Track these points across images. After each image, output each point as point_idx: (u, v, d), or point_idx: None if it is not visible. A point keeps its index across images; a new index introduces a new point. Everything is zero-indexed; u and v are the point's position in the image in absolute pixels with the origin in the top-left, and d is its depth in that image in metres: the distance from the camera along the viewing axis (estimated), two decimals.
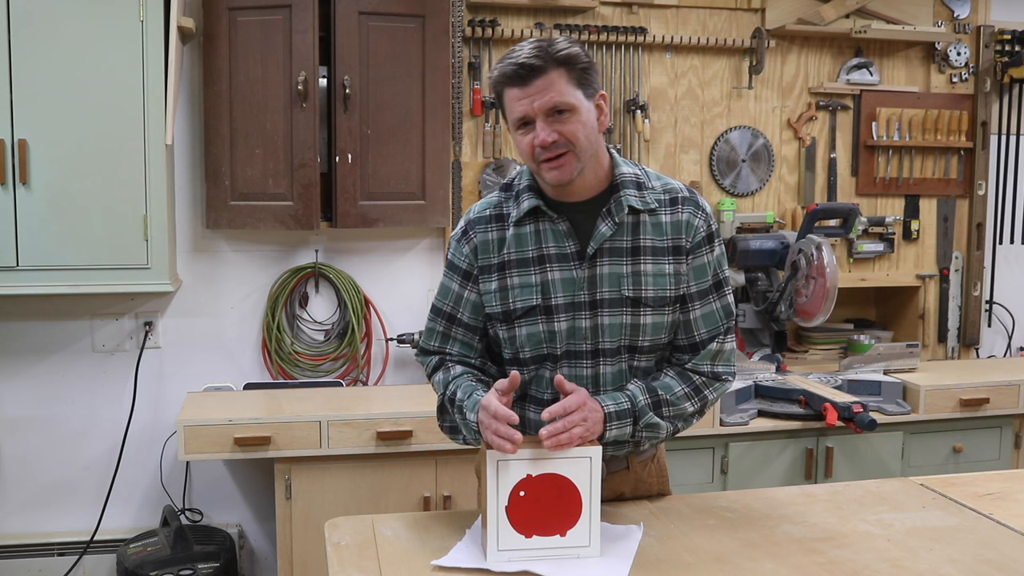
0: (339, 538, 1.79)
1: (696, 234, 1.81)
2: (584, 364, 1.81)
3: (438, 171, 3.37)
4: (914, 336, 3.98)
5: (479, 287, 1.84)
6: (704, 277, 1.82)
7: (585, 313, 1.79)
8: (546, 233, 1.80)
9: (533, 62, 1.68)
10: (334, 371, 3.51)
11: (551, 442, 1.61)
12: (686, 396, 1.82)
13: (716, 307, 1.84)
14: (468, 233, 1.85)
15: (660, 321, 1.80)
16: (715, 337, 1.84)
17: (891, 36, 3.80)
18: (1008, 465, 3.47)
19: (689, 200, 1.83)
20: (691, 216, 1.81)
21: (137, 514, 3.42)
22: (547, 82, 1.68)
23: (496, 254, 1.82)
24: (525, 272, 1.80)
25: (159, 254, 3.05)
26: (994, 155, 4.06)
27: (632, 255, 1.79)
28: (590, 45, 3.59)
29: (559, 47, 1.70)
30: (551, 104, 1.69)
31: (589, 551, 1.66)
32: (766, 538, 1.78)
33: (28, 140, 2.94)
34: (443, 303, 1.88)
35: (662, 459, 2.03)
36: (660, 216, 1.80)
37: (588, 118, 1.74)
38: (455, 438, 1.89)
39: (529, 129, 1.72)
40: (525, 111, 1.70)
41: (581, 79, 1.72)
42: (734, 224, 3.73)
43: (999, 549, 1.74)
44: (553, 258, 1.79)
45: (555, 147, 1.70)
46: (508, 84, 1.71)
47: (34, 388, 3.32)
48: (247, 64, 3.19)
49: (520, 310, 1.80)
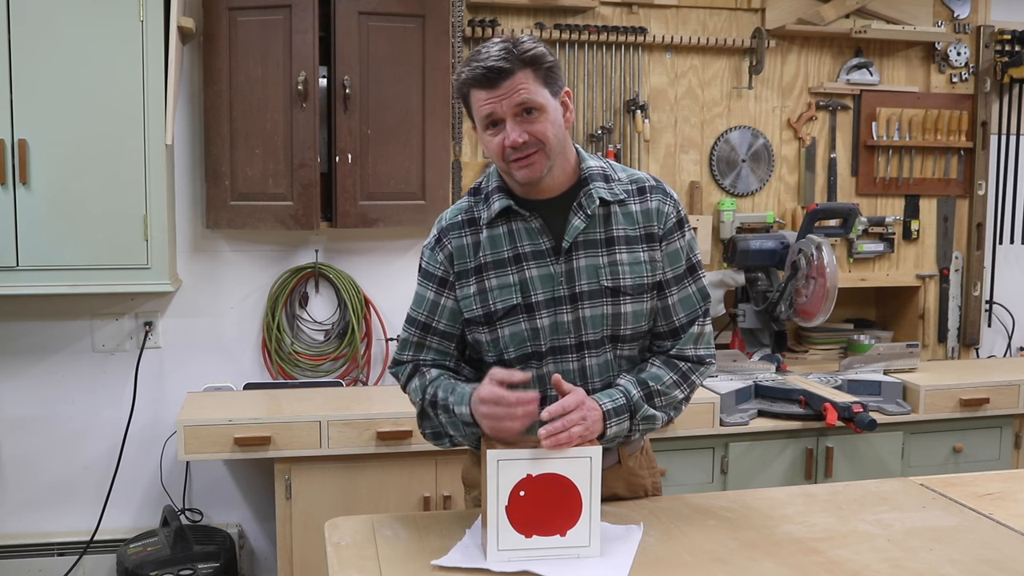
0: (339, 538, 1.79)
1: (667, 221, 1.84)
2: (570, 358, 1.82)
3: (438, 171, 3.37)
4: (914, 336, 3.98)
5: (456, 293, 1.84)
6: (678, 262, 1.85)
7: (566, 307, 1.80)
8: (520, 232, 1.81)
9: (501, 64, 1.69)
10: (334, 371, 3.51)
11: (550, 442, 1.61)
12: (675, 384, 1.84)
13: (692, 290, 1.87)
14: (442, 240, 1.86)
15: (640, 309, 1.82)
16: (694, 320, 1.87)
17: (891, 36, 3.80)
18: (1008, 465, 3.47)
19: (657, 188, 1.86)
20: (660, 203, 1.84)
21: (137, 514, 3.42)
22: (515, 83, 1.70)
23: (472, 258, 1.83)
24: (503, 273, 1.81)
25: (159, 254, 3.05)
26: (994, 155, 4.06)
27: (607, 246, 1.81)
28: (590, 45, 3.60)
29: (525, 47, 1.72)
30: (520, 105, 1.70)
31: (589, 551, 1.66)
32: (766, 538, 1.78)
33: (28, 140, 2.94)
34: (418, 312, 1.88)
35: (650, 450, 2.05)
36: (630, 206, 1.83)
37: (555, 116, 1.75)
38: (439, 443, 1.87)
39: (498, 130, 1.73)
40: (493, 111, 1.71)
41: (547, 78, 1.74)
42: (734, 224, 3.73)
43: (999, 549, 1.74)
44: (529, 256, 1.80)
45: (525, 147, 1.71)
46: (475, 86, 1.72)
47: (34, 388, 3.32)
48: (247, 64, 3.19)
49: (501, 310, 1.80)
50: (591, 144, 3.63)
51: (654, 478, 2.03)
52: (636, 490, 1.99)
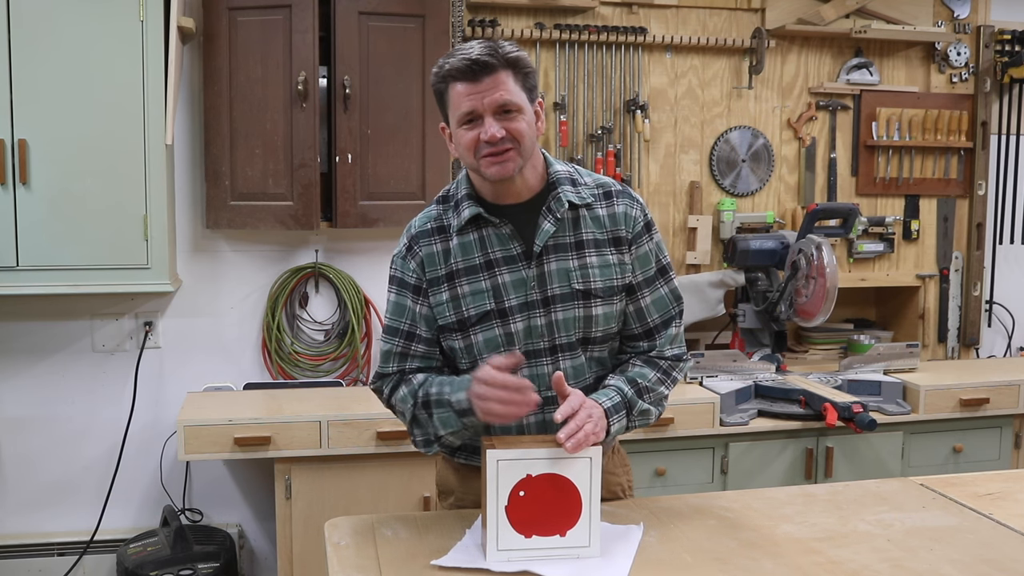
0: (339, 538, 1.79)
1: (635, 225, 1.86)
2: (544, 362, 1.83)
3: (438, 171, 3.37)
4: (914, 336, 3.98)
5: (430, 300, 1.84)
6: (648, 265, 1.87)
7: (539, 311, 1.81)
8: (490, 238, 1.82)
9: (485, 59, 1.71)
10: (334, 371, 3.51)
11: (572, 443, 1.62)
12: (660, 380, 1.87)
13: (664, 292, 1.89)
14: (413, 248, 1.86)
15: (610, 311, 1.84)
16: (670, 321, 1.89)
17: (891, 36, 3.80)
18: (1008, 465, 3.47)
19: (623, 193, 1.88)
20: (627, 208, 1.86)
21: (137, 514, 3.42)
22: (496, 80, 1.72)
23: (443, 265, 1.83)
24: (475, 279, 1.81)
25: (159, 254, 3.05)
26: (994, 155, 4.06)
27: (576, 249, 1.82)
28: (590, 45, 3.60)
29: (508, 49, 1.74)
30: (501, 101, 1.72)
31: (589, 551, 1.66)
32: (766, 538, 1.78)
33: (28, 140, 2.94)
34: (399, 322, 1.87)
35: (621, 449, 2.07)
36: (597, 210, 1.85)
37: (531, 119, 1.77)
38: (429, 449, 1.86)
39: (475, 125, 1.74)
40: (474, 106, 1.72)
41: (525, 83, 1.77)
42: (734, 224, 3.73)
43: (999, 549, 1.74)
44: (501, 261, 1.81)
45: (502, 143, 1.72)
46: (457, 79, 1.73)
47: (34, 388, 3.32)
48: (247, 64, 3.19)
49: (475, 316, 1.81)
50: (591, 144, 3.63)
51: (628, 476, 2.06)
52: (613, 489, 2.00)
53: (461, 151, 1.77)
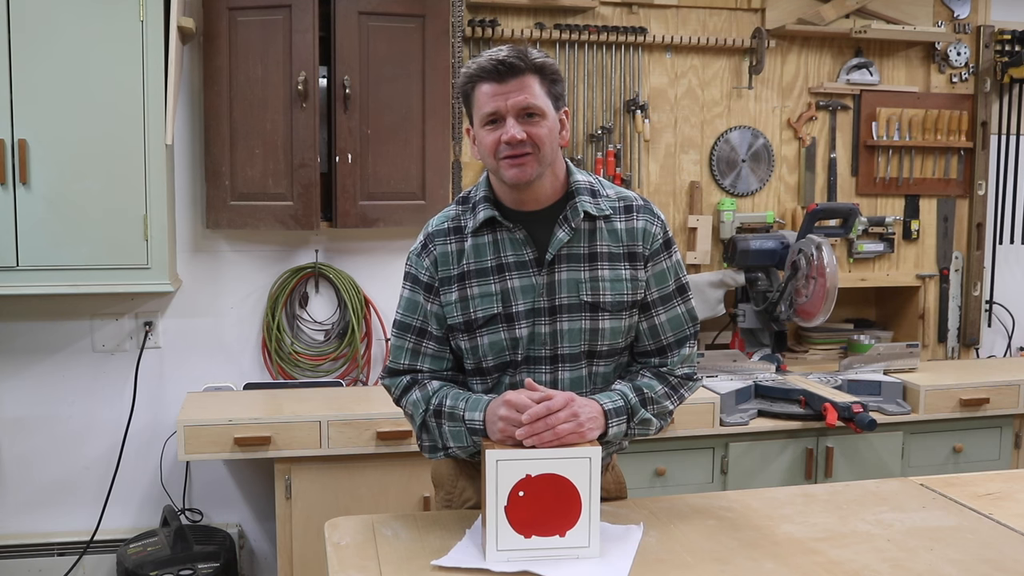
0: (339, 538, 1.79)
1: (654, 241, 1.85)
2: (542, 369, 1.83)
3: (438, 171, 3.37)
4: (914, 336, 3.98)
5: (440, 299, 1.85)
6: (665, 283, 1.86)
7: (545, 319, 1.81)
8: (504, 242, 1.82)
9: (513, 61, 1.72)
10: (334, 371, 3.51)
11: (531, 440, 1.64)
12: (666, 395, 1.86)
13: (681, 311, 1.88)
14: (428, 246, 1.87)
15: (618, 326, 1.83)
16: (684, 341, 1.88)
17: (891, 36, 3.80)
18: (1008, 465, 3.47)
19: (644, 208, 1.87)
20: (647, 224, 1.85)
21: (137, 514, 3.42)
22: (522, 83, 1.73)
23: (455, 265, 1.84)
24: (485, 281, 1.82)
25: (159, 254, 3.05)
26: (994, 155, 4.06)
27: (589, 261, 1.82)
28: (590, 45, 3.60)
29: (535, 55, 1.76)
30: (524, 104, 1.73)
31: (589, 551, 1.66)
32: (766, 538, 1.78)
33: (28, 140, 2.94)
34: (411, 318, 1.87)
35: (618, 468, 2.06)
36: (615, 223, 1.84)
37: (553, 126, 1.78)
38: (434, 455, 1.86)
39: (497, 126, 1.75)
40: (497, 107, 1.73)
41: (551, 90, 1.78)
42: (734, 224, 3.73)
43: (999, 549, 1.74)
44: (512, 266, 1.81)
45: (521, 146, 1.73)
46: (484, 79, 1.74)
47: (34, 388, 3.32)
48: (247, 64, 3.19)
49: (481, 319, 1.81)
50: (591, 144, 3.63)
51: (620, 494, 2.06)
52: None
53: (482, 152, 1.78)
